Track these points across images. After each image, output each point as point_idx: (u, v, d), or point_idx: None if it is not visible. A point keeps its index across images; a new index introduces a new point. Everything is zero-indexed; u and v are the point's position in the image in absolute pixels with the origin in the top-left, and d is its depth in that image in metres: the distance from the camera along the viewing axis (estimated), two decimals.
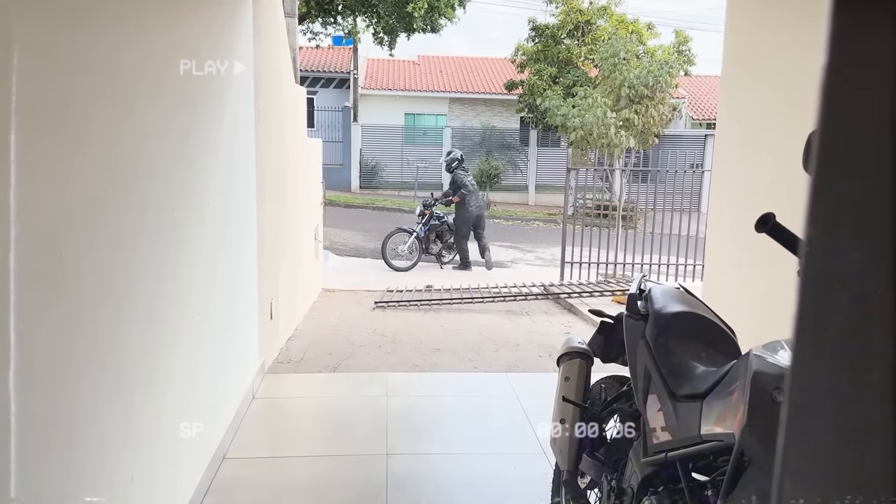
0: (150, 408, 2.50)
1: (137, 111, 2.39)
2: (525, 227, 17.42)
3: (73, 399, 1.92)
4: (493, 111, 22.95)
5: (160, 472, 2.62)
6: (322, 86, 22.74)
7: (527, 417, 4.06)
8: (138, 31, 2.42)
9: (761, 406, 1.58)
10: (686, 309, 2.41)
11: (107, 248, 2.13)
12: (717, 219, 4.56)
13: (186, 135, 2.96)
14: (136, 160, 2.38)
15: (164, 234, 2.66)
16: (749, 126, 4.12)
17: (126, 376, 2.29)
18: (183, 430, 2.91)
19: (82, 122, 1.96)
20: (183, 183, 2.91)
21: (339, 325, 6.39)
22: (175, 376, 2.80)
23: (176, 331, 2.82)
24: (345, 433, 3.86)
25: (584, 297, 7.85)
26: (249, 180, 4.23)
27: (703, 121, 22.25)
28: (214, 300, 3.44)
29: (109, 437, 2.15)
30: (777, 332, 3.47)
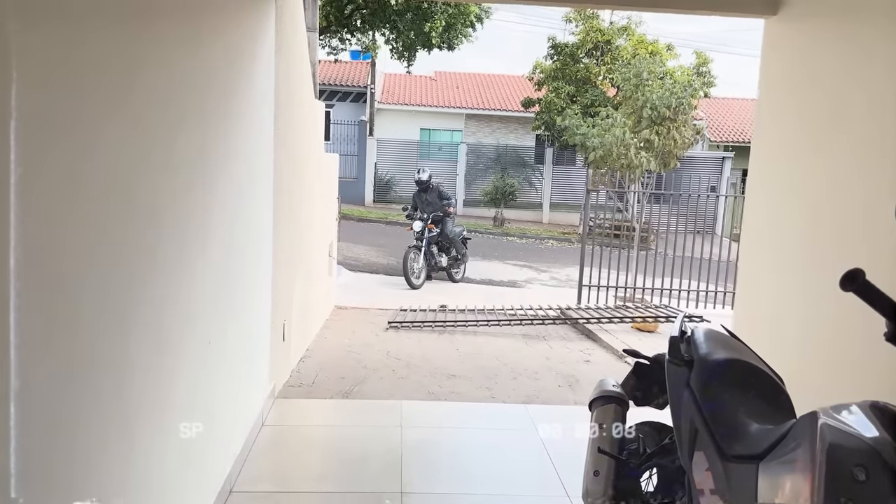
0: (155, 440, 2.35)
1: (152, 131, 2.25)
2: (539, 245, 17.25)
3: (74, 438, 1.76)
4: (508, 128, 22.88)
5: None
6: (339, 99, 22.76)
7: (548, 455, 3.87)
8: (157, 47, 2.29)
9: (839, 485, 1.41)
10: (734, 356, 2.23)
11: (115, 273, 1.99)
12: (750, 245, 4.37)
13: (203, 154, 2.83)
14: (149, 182, 2.24)
15: (179, 261, 2.52)
16: (784, 148, 3.95)
17: (131, 410, 2.14)
18: (190, 463, 2.76)
19: (92, 142, 1.82)
20: (198, 204, 2.77)
21: (352, 346, 6.23)
22: (184, 409, 2.65)
23: (186, 357, 2.67)
24: (358, 467, 3.68)
25: (602, 322, 7.65)
26: (266, 198, 4.09)
27: (721, 143, 22.04)
28: (227, 325, 3.29)
29: (109, 475, 2.00)
30: (812, 368, 3.28)
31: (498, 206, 19.80)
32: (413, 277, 10.20)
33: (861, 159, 3.13)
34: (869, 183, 3.05)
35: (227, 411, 3.37)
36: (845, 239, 3.21)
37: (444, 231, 10.85)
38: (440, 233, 10.82)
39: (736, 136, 21.95)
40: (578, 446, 3.92)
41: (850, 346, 3.00)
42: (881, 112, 2.99)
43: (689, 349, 2.28)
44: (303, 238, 5.61)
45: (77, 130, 1.74)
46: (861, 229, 3.08)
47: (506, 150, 21.66)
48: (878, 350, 2.79)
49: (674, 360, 2.28)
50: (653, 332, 7.59)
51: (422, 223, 10.80)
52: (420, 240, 10.60)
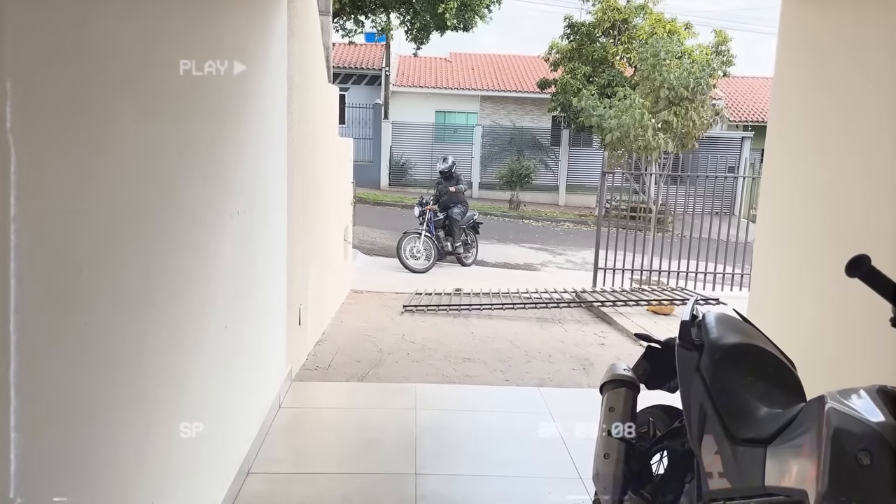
0: (173, 423, 2.40)
1: (163, 115, 2.28)
2: (555, 228, 17.19)
3: (90, 417, 1.81)
4: (524, 110, 22.70)
5: (182, 494, 2.52)
6: (354, 82, 22.70)
7: (561, 437, 3.90)
8: (168, 30, 2.31)
9: (844, 469, 1.42)
10: (745, 340, 2.23)
11: (131, 262, 2.03)
12: (766, 227, 4.33)
13: (217, 139, 2.86)
14: (162, 167, 2.27)
15: (193, 246, 2.56)
16: (801, 131, 3.90)
17: (149, 393, 2.19)
18: (207, 445, 2.81)
19: (103, 127, 1.85)
20: (212, 191, 2.81)
21: (367, 330, 6.29)
22: (202, 391, 2.70)
23: (203, 343, 2.72)
24: (373, 449, 3.74)
25: (617, 305, 7.64)
26: (280, 184, 4.13)
27: (739, 123, 21.73)
28: (243, 309, 3.33)
29: (128, 457, 2.05)
30: (826, 351, 3.26)
31: (513, 188, 19.71)
32: (411, 261, 10.19)
33: (879, 140, 3.09)
34: (887, 163, 3.01)
35: (244, 394, 3.43)
36: (861, 221, 3.18)
37: (449, 215, 10.79)
38: (445, 217, 10.78)
39: (756, 116, 21.64)
40: (592, 429, 3.94)
41: (864, 330, 2.98)
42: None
43: (700, 333, 2.28)
44: (318, 222, 5.65)
45: (87, 114, 1.76)
46: (878, 211, 3.05)
47: (521, 132, 21.52)
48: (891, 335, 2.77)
49: (684, 344, 2.29)
50: (669, 314, 7.56)
51: (419, 207, 10.77)
52: (422, 224, 10.55)
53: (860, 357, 3.02)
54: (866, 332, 2.95)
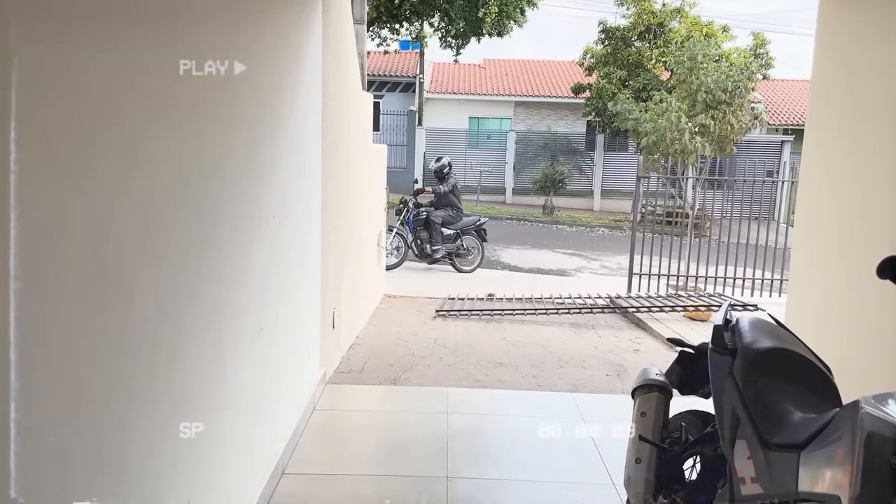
0: (209, 422, 2.46)
1: (201, 123, 2.35)
2: (589, 233, 17.06)
3: (126, 419, 1.88)
4: (558, 115, 22.63)
5: (217, 492, 2.57)
6: (388, 90, 22.90)
7: (594, 443, 3.87)
8: (203, 38, 2.38)
9: (877, 473, 1.39)
10: (779, 344, 2.21)
11: (168, 265, 2.09)
12: (803, 232, 4.26)
13: (252, 146, 2.92)
14: (200, 174, 2.34)
15: (229, 250, 2.62)
16: (838, 135, 3.83)
17: (186, 395, 2.25)
18: (244, 445, 2.88)
19: (142, 135, 1.92)
20: (249, 197, 2.87)
21: (400, 334, 6.33)
22: (237, 392, 2.76)
23: (237, 345, 2.78)
24: (405, 452, 3.77)
25: (653, 311, 7.55)
26: (315, 189, 4.20)
27: (779, 126, 21.32)
28: (278, 313, 3.40)
29: (164, 455, 2.11)
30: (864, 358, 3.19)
31: (547, 193, 19.63)
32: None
33: None
34: None
35: (279, 395, 3.49)
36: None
37: (429, 215, 10.25)
38: (426, 218, 10.24)
39: (795, 119, 21.19)
40: (625, 434, 3.92)
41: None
42: None
43: (734, 338, 2.26)
44: (351, 228, 5.72)
45: (126, 123, 1.82)
46: None
47: (555, 137, 21.44)
48: None
49: (717, 349, 2.27)
50: (705, 320, 7.44)
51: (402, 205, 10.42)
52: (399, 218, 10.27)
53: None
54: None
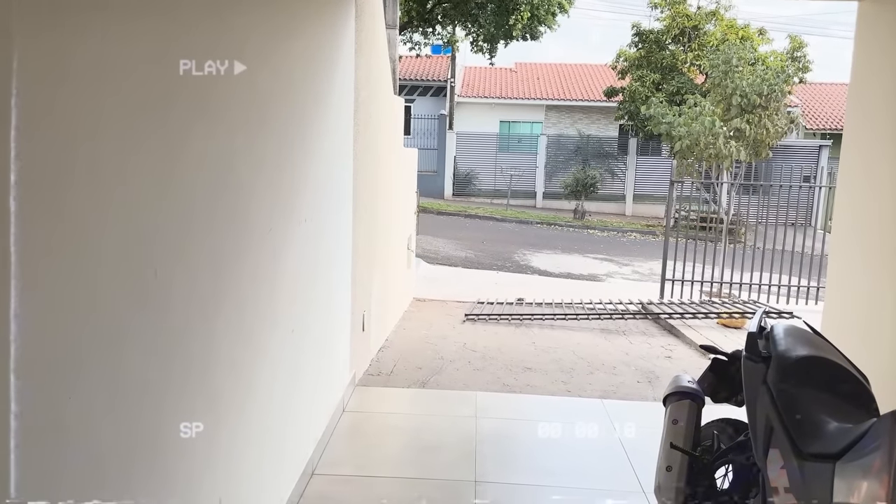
0: (241, 421, 2.50)
1: (234, 127, 2.39)
2: (621, 238, 16.91)
3: (160, 417, 1.92)
4: (590, 118, 22.48)
5: (247, 492, 2.61)
6: (419, 94, 23.00)
7: (624, 450, 3.84)
8: (239, 43, 2.42)
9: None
10: (814, 352, 2.17)
11: (202, 267, 2.13)
12: (841, 238, 4.17)
13: (284, 149, 2.97)
14: (235, 177, 2.38)
15: (261, 252, 2.67)
16: (878, 140, 3.74)
17: (217, 394, 2.29)
18: (274, 445, 2.91)
19: (181, 139, 1.96)
20: (281, 200, 2.91)
21: (429, 338, 6.35)
22: (268, 393, 2.80)
23: (269, 346, 2.82)
24: (433, 455, 3.77)
25: (686, 318, 7.45)
26: (346, 193, 4.24)
27: (816, 130, 20.88)
28: (309, 315, 3.44)
29: (197, 455, 2.15)
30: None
31: (578, 198, 19.52)
32: None
33: None
34: None
35: (309, 396, 3.53)
36: None
37: None
38: None
39: (833, 123, 20.73)
40: (656, 443, 3.87)
41: None
42: None
43: (768, 345, 2.22)
44: (381, 231, 5.76)
45: (167, 128, 1.87)
46: None
47: (587, 140, 21.30)
48: None
49: (751, 356, 2.24)
50: (739, 328, 7.32)
51: None
52: None
53: None
54: None
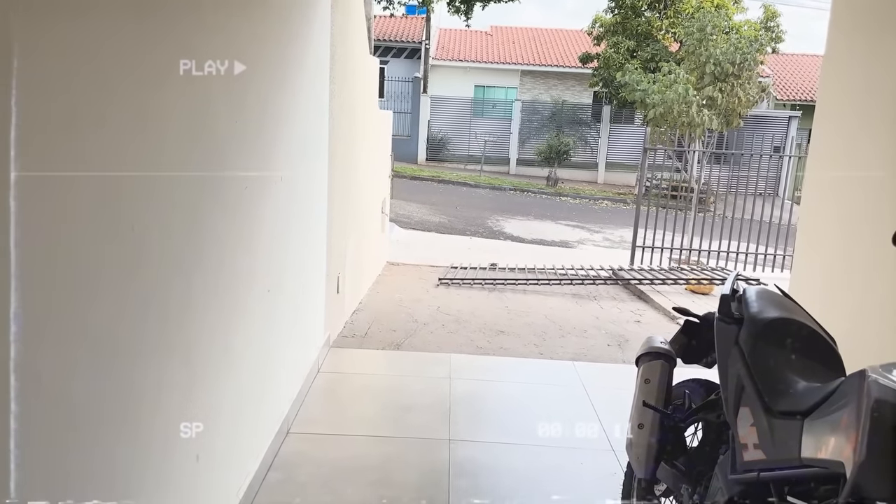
0: (218, 379, 2.49)
1: (212, 83, 2.33)
2: (593, 206, 17.04)
3: (143, 376, 1.90)
4: (565, 85, 22.39)
5: (224, 448, 2.61)
6: (393, 56, 22.64)
7: (594, 410, 3.92)
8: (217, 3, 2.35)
9: (883, 439, 1.41)
10: (785, 315, 2.21)
11: (179, 222, 2.09)
12: (811, 206, 4.24)
13: (263, 108, 2.91)
14: (211, 134, 2.33)
15: (238, 210, 2.63)
16: (850, 110, 3.79)
17: (193, 351, 2.28)
18: (250, 405, 2.91)
19: (154, 93, 1.90)
20: (258, 157, 2.86)
21: (403, 301, 6.36)
22: (244, 351, 2.79)
23: (246, 305, 2.80)
24: (407, 414, 3.81)
25: (655, 284, 7.57)
26: (322, 153, 4.18)
27: (787, 101, 21.11)
28: (285, 275, 3.41)
29: (175, 413, 2.14)
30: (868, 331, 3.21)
31: (552, 165, 19.55)
32: None
33: None
34: None
35: (285, 357, 3.52)
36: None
37: None
38: None
39: (804, 95, 20.98)
40: (625, 403, 3.95)
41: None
42: None
43: (740, 307, 2.27)
44: (356, 193, 5.71)
45: (140, 80, 1.82)
46: None
47: (561, 107, 21.25)
48: None
49: (724, 318, 2.28)
50: (707, 294, 7.48)
51: None
52: None
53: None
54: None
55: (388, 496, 2.97)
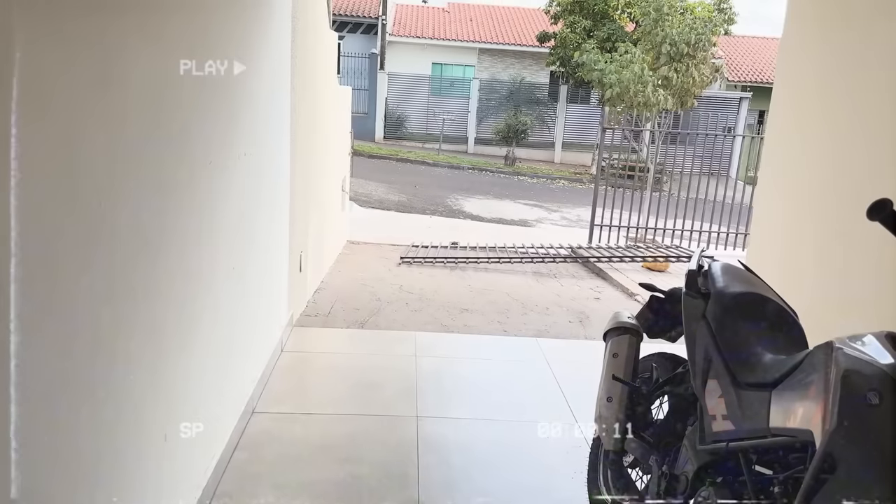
0: (182, 358, 2.43)
1: (174, 58, 2.25)
2: (550, 185, 17.17)
3: (110, 353, 1.84)
4: (522, 64, 22.39)
5: (191, 428, 2.56)
6: (349, 31, 22.24)
7: (559, 386, 3.98)
8: None
9: (852, 408, 1.46)
10: (750, 289, 2.27)
11: (145, 198, 2.02)
12: (768, 185, 4.35)
13: (227, 82, 2.82)
14: (175, 107, 2.25)
15: (201, 184, 2.55)
16: (807, 92, 3.89)
17: (159, 329, 2.21)
18: (215, 385, 2.86)
19: (116, 67, 1.82)
20: (221, 132, 2.78)
21: (366, 280, 6.32)
22: (210, 330, 2.73)
23: (210, 283, 2.73)
24: (374, 392, 3.80)
25: (613, 261, 7.70)
26: (284, 129, 4.09)
27: (738, 83, 21.56)
28: (249, 253, 3.34)
29: (143, 394, 2.09)
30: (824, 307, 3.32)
31: (510, 144, 19.60)
32: None
33: (889, 101, 3.08)
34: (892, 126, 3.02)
35: (249, 336, 3.47)
36: (865, 180, 3.20)
37: None
38: None
39: (754, 76, 21.46)
40: (588, 378, 4.01)
41: (863, 284, 3.03)
42: None
43: (706, 282, 2.31)
44: (318, 170, 5.62)
45: (107, 66, 1.74)
46: (884, 171, 3.07)
47: (519, 86, 21.27)
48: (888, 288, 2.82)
49: (690, 293, 2.32)
50: (663, 271, 7.64)
51: None
52: None
53: (859, 314, 3.08)
54: (866, 286, 3.00)
55: (358, 473, 2.97)
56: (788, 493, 1.69)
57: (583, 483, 2.80)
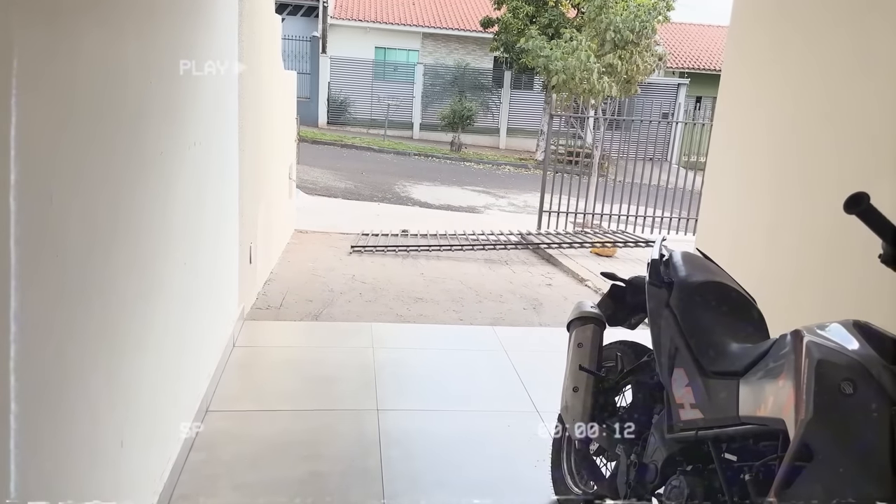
0: (135, 358, 2.31)
1: (124, 44, 2.12)
2: (496, 171, 17.24)
3: (65, 355, 1.73)
4: (466, 49, 22.33)
5: (146, 432, 2.45)
6: (289, 13, 21.72)
7: (517, 374, 3.99)
8: None
9: (828, 398, 1.48)
10: (711, 278, 2.30)
11: (96, 191, 1.90)
12: (716, 174, 4.45)
13: (174, 70, 2.68)
14: (123, 97, 2.12)
15: (153, 178, 2.43)
16: (754, 80, 3.98)
17: (114, 329, 2.10)
18: (168, 385, 2.74)
19: (64, 60, 1.70)
20: (168, 119, 2.65)
21: (316, 270, 6.21)
22: (163, 327, 2.61)
23: (162, 278, 2.61)
24: (332, 386, 3.73)
25: (563, 248, 7.78)
26: (232, 116, 3.94)
27: (676, 69, 22.06)
28: (200, 247, 3.22)
29: (98, 399, 1.98)
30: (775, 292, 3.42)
31: (455, 130, 19.55)
32: None
33: (834, 89, 3.18)
34: (840, 113, 3.11)
35: (201, 332, 3.34)
36: (812, 169, 3.29)
37: None
38: None
39: (692, 63, 22.00)
40: (545, 365, 4.06)
41: (813, 271, 3.13)
42: (856, 40, 3.02)
43: (669, 271, 2.33)
44: (266, 158, 5.46)
45: (56, 54, 1.62)
46: (829, 160, 3.16)
47: (464, 72, 21.22)
48: (836, 274, 2.92)
49: (654, 282, 2.34)
50: (611, 256, 7.77)
51: None
52: None
53: (810, 295, 3.18)
54: (816, 272, 3.10)
55: (320, 470, 2.91)
56: (759, 481, 1.72)
57: (546, 471, 2.82)
